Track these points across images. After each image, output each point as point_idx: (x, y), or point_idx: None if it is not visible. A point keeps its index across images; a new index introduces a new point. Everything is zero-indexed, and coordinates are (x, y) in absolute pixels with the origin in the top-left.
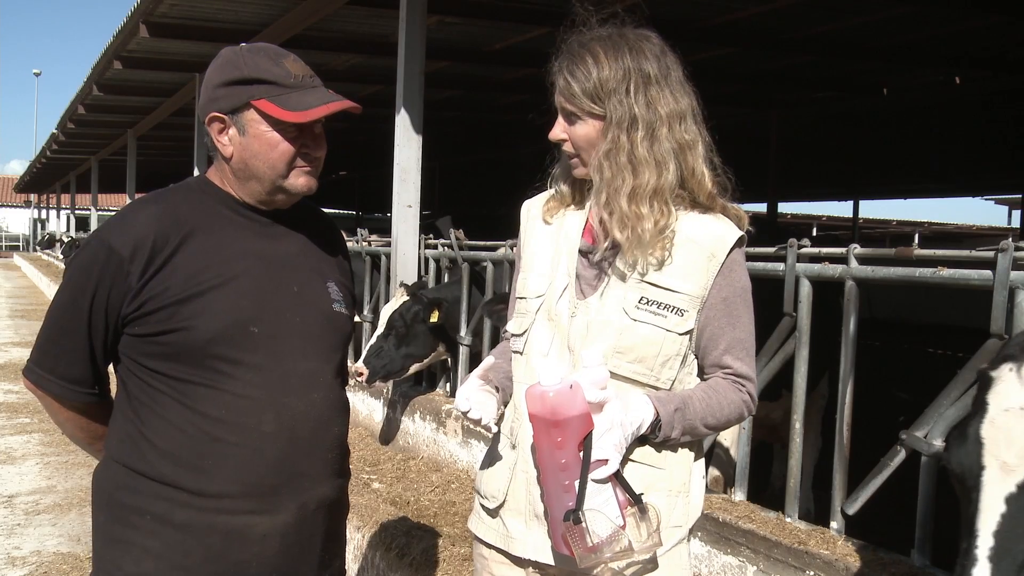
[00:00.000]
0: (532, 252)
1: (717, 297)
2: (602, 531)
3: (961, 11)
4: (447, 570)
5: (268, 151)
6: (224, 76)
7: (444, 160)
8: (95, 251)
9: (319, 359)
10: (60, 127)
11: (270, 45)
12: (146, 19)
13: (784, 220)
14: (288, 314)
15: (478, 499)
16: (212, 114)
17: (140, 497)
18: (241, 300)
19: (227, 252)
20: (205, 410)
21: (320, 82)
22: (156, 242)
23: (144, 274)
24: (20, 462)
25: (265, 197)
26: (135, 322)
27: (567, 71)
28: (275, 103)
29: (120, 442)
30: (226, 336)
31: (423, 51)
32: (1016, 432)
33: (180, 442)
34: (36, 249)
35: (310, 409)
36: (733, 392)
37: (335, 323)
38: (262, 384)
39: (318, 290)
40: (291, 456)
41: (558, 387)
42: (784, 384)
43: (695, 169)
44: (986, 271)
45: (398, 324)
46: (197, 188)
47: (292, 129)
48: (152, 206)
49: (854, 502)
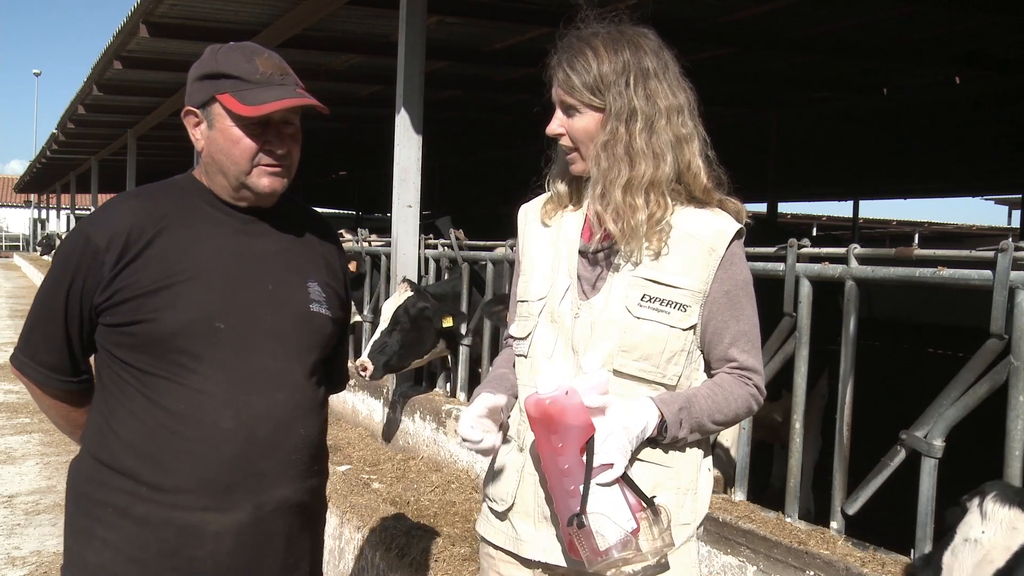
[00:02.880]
0: (532, 255)
1: (719, 291)
2: (610, 534)
3: (961, 11)
4: (447, 570)
5: (231, 147)
6: (198, 71)
7: (444, 160)
8: (74, 241)
9: (288, 359)
10: (60, 127)
11: (252, 44)
12: (146, 19)
13: (784, 220)
14: (258, 312)
15: (486, 502)
16: (186, 108)
17: (104, 490)
18: (209, 294)
19: (201, 247)
20: (166, 403)
21: (292, 81)
22: (131, 234)
23: (117, 264)
24: (20, 462)
25: (232, 193)
26: (107, 311)
27: (567, 64)
28: (236, 97)
29: (92, 432)
30: (191, 330)
31: (423, 51)
32: (967, 561)
33: (141, 434)
34: (36, 250)
35: (272, 409)
36: (739, 386)
37: (311, 324)
38: (223, 380)
39: (295, 289)
40: (248, 455)
41: (555, 394)
42: (784, 384)
43: (691, 163)
44: (986, 271)
45: (402, 319)
46: (181, 184)
47: (254, 126)
48: (133, 200)
49: (854, 502)
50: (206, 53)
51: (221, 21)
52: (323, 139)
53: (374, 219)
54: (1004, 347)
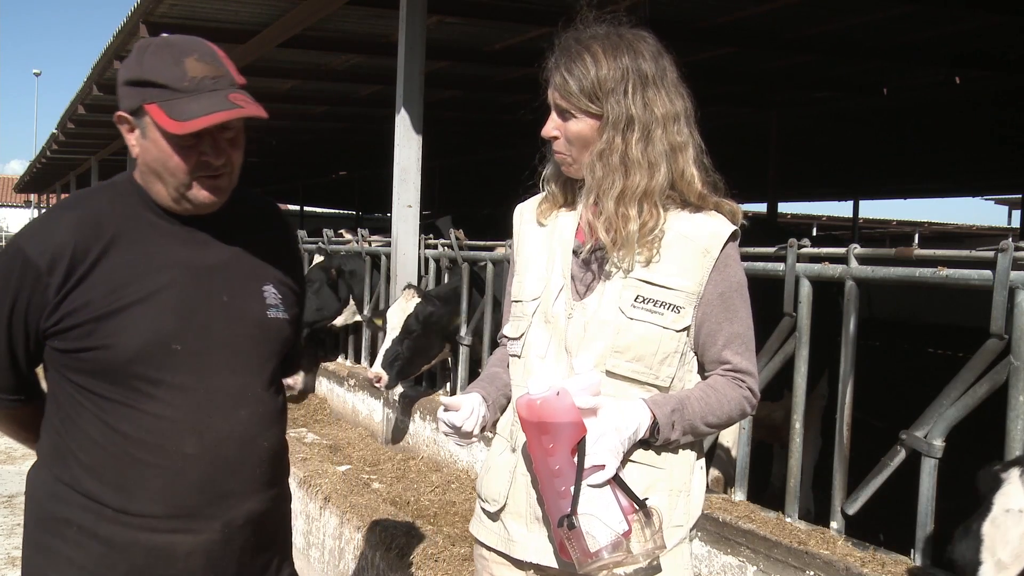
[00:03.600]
0: (527, 255)
1: (713, 293)
2: (601, 536)
3: (961, 11)
4: (447, 570)
5: (165, 159)
6: (125, 74)
7: (444, 160)
8: (11, 260)
9: (248, 373)
10: (60, 127)
11: (185, 39)
12: (146, 19)
13: (784, 220)
14: (215, 328)
15: (479, 502)
16: (117, 113)
17: (67, 507)
18: (163, 315)
19: (151, 263)
20: (125, 430)
21: (227, 83)
22: (76, 253)
23: (63, 288)
24: (20, 462)
25: (172, 204)
26: (55, 337)
27: (564, 68)
28: (163, 109)
29: (48, 451)
30: (147, 355)
31: (423, 51)
32: (1012, 533)
33: (102, 459)
34: None
35: (235, 427)
36: (732, 389)
37: (269, 331)
38: (184, 405)
39: (251, 297)
40: (215, 477)
41: (545, 395)
42: (785, 384)
43: (684, 172)
44: (986, 271)
45: (413, 326)
46: (123, 190)
47: (187, 138)
48: (72, 212)
49: (854, 502)
50: (134, 52)
51: (221, 21)
52: (323, 139)
53: (374, 219)
54: (1004, 347)
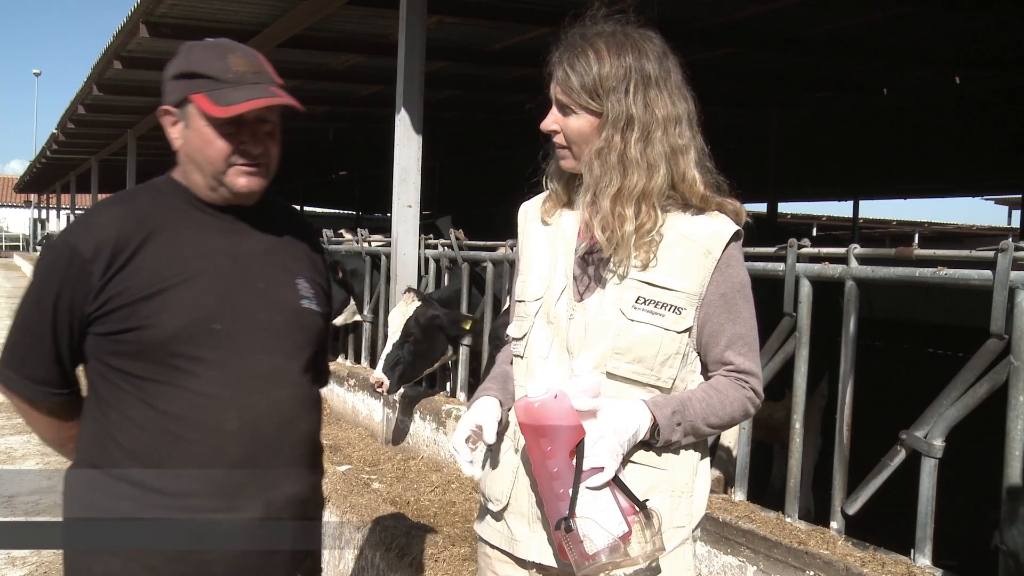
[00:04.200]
0: (530, 255)
1: (715, 293)
2: (598, 539)
3: (961, 11)
4: (447, 570)
5: (205, 146)
6: (172, 69)
7: (444, 160)
8: (59, 252)
9: (284, 356)
10: (60, 127)
11: (227, 42)
12: (146, 19)
13: (784, 220)
14: (252, 311)
15: (482, 501)
16: (161, 107)
17: (107, 495)
18: (203, 297)
19: (190, 250)
20: (167, 408)
21: (267, 79)
22: (118, 242)
23: (106, 273)
24: (20, 462)
25: (210, 192)
26: (98, 321)
27: (567, 63)
28: (209, 98)
29: (89, 443)
30: (187, 333)
31: (423, 51)
32: None
33: (143, 441)
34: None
35: (274, 407)
36: (734, 389)
37: (303, 320)
38: (224, 382)
39: (285, 287)
40: (255, 454)
41: (543, 397)
42: (786, 384)
43: (686, 174)
44: (986, 271)
45: (413, 330)
46: (162, 187)
47: (228, 126)
48: (115, 206)
49: (854, 502)
50: (180, 51)
51: (221, 21)
52: (323, 139)
53: (374, 219)
54: (1004, 347)
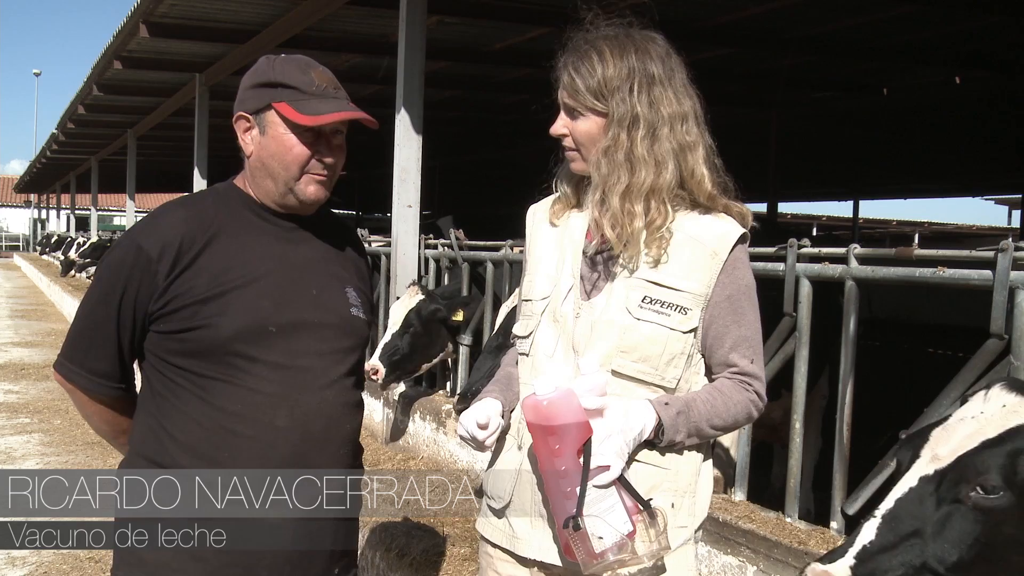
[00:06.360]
0: (537, 255)
1: (721, 295)
2: (606, 537)
3: (961, 11)
4: (447, 570)
5: (284, 152)
6: (254, 79)
7: (444, 160)
8: (126, 251)
9: (333, 359)
10: (60, 127)
11: (305, 57)
12: (146, 19)
13: (784, 220)
14: (305, 315)
15: (484, 499)
16: (238, 113)
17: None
18: (261, 300)
19: (250, 255)
20: (222, 404)
21: (344, 95)
22: (183, 243)
23: (171, 274)
24: (20, 462)
25: (278, 199)
26: (160, 319)
27: (572, 67)
28: (293, 107)
29: (143, 436)
30: (245, 334)
31: (423, 51)
32: (958, 433)
33: (198, 435)
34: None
35: (323, 406)
36: (739, 392)
37: (352, 326)
38: (276, 380)
39: (336, 294)
40: (303, 451)
41: (551, 395)
42: (784, 384)
43: (695, 171)
44: (986, 271)
45: (414, 322)
46: (224, 193)
47: (308, 134)
48: (181, 209)
49: (854, 502)
50: (261, 63)
51: (221, 21)
52: None
53: (374, 219)
54: (1004, 347)
